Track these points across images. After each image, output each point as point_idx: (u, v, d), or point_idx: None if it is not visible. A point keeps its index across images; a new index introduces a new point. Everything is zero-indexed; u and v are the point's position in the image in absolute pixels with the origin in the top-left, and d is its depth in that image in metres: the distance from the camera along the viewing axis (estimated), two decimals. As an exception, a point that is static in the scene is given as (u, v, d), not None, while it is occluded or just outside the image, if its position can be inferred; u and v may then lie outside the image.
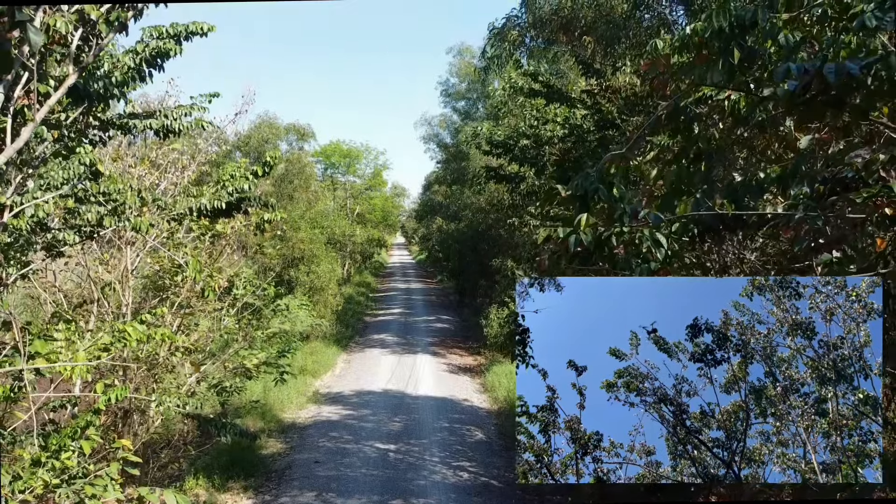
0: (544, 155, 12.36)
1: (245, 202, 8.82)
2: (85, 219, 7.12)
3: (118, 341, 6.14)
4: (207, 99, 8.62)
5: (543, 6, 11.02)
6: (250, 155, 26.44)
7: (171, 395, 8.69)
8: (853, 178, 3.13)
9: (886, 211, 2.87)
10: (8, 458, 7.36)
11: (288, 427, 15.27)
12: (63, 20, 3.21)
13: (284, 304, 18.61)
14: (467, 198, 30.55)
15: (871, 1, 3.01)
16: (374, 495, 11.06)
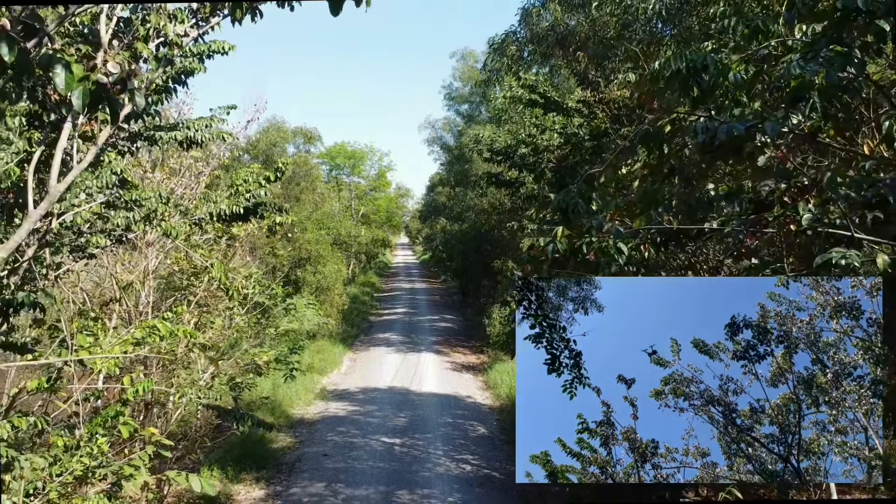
0: (542, 162, 12.94)
1: (261, 207, 9.40)
2: (115, 223, 7.69)
3: (148, 336, 6.71)
4: (226, 111, 9.21)
5: (540, 23, 11.60)
6: (259, 158, 27.04)
7: (190, 389, 9.28)
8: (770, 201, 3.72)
9: (791, 227, 3.46)
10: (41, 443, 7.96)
11: (297, 422, 15.81)
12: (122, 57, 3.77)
13: (292, 303, 19.20)
14: (470, 199, 31.06)
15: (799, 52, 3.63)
16: (381, 486, 11.59)
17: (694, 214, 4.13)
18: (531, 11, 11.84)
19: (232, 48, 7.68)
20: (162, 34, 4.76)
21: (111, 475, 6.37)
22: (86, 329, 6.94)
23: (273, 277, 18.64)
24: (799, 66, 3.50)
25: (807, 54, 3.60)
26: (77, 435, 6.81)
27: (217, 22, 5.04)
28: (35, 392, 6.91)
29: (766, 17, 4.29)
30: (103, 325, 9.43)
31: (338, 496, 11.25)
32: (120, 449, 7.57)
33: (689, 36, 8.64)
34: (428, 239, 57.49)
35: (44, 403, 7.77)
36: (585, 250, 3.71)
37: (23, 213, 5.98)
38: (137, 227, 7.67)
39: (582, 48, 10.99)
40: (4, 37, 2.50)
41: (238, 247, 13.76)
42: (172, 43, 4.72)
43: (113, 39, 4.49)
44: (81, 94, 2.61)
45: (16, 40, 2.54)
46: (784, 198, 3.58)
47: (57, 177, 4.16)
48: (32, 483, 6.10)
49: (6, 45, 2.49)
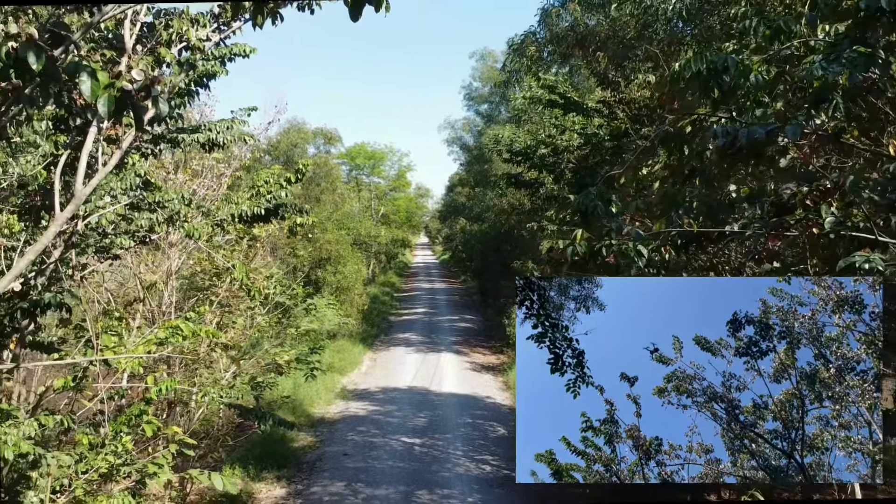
0: (562, 162, 12.91)
1: (282, 208, 9.48)
2: (138, 225, 7.80)
3: (172, 336, 6.80)
4: (246, 113, 9.29)
5: (559, 23, 11.58)
6: (279, 159, 27.24)
7: (213, 388, 9.39)
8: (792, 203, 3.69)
9: (814, 230, 3.43)
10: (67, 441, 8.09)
11: (317, 422, 15.91)
12: (144, 62, 3.84)
13: (313, 303, 19.32)
14: (490, 200, 31.02)
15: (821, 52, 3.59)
16: (401, 486, 11.63)
17: (715, 217, 4.11)
18: (551, 12, 11.82)
19: (253, 51, 7.74)
20: (184, 39, 4.83)
21: (135, 473, 6.48)
22: (110, 329, 7.04)
23: (294, 277, 18.78)
24: (822, 68, 3.47)
25: (830, 55, 3.57)
26: (102, 433, 6.92)
27: (239, 26, 5.10)
28: (61, 391, 7.04)
29: (788, 18, 4.25)
30: (127, 324, 9.58)
31: (358, 495, 11.31)
32: (143, 447, 7.67)
33: (710, 36, 8.56)
34: (447, 239, 57.53)
35: (70, 402, 7.91)
36: (605, 253, 3.71)
37: (49, 215, 6.10)
38: (161, 229, 7.77)
39: (602, 48, 10.95)
40: (32, 45, 2.56)
41: (259, 247, 13.88)
42: (195, 47, 4.79)
43: (136, 44, 4.56)
44: (107, 101, 2.67)
45: (43, 48, 2.60)
46: (806, 201, 3.56)
47: (83, 180, 4.23)
48: (59, 480, 6.22)
49: (34, 54, 2.55)
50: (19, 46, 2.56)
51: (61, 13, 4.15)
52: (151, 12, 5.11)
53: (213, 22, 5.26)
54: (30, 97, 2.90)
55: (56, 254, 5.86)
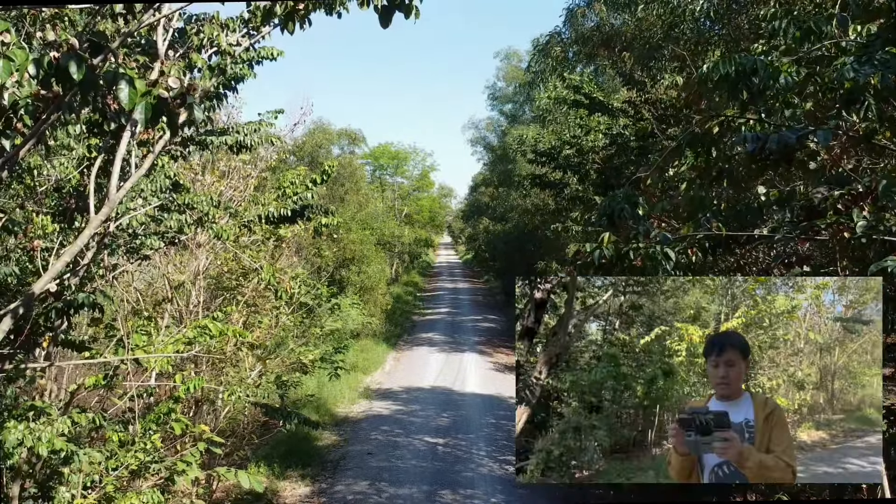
0: (587, 163, 12.86)
1: (307, 209, 9.57)
2: (168, 226, 7.93)
3: (200, 335, 6.90)
4: (273, 115, 9.39)
5: (585, 23, 11.54)
6: (304, 160, 27.43)
7: (239, 387, 9.51)
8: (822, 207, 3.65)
9: (845, 234, 3.39)
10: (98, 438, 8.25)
11: (341, 421, 16.03)
12: (177, 67, 3.92)
13: (337, 303, 19.46)
14: (514, 200, 30.97)
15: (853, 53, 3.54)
16: (424, 485, 11.67)
17: (743, 220, 4.08)
18: (576, 12, 11.79)
19: (280, 54, 7.81)
20: (215, 44, 4.90)
21: (164, 470, 6.58)
22: (140, 328, 7.16)
23: (318, 277, 18.92)
24: (853, 69, 3.43)
25: (861, 56, 3.52)
26: (132, 431, 7.05)
27: (268, 31, 5.17)
28: (92, 388, 7.17)
29: (818, 18, 4.20)
30: (156, 324, 9.72)
31: (381, 494, 11.37)
32: (172, 445, 7.80)
33: (738, 36, 8.48)
34: (471, 239, 57.52)
35: (100, 400, 8.05)
36: (632, 256, 3.71)
37: (83, 217, 6.22)
38: (189, 230, 7.89)
39: (627, 48, 10.89)
40: (74, 55, 2.63)
41: (285, 247, 14.01)
42: (225, 52, 4.87)
43: (168, 50, 4.64)
44: (144, 109, 2.74)
45: (84, 58, 2.67)
46: (838, 204, 3.52)
47: (116, 183, 4.33)
48: (90, 476, 6.34)
49: (75, 63, 2.62)
50: (61, 56, 2.64)
51: (96, 20, 4.25)
52: (182, 18, 5.20)
53: (243, 27, 5.34)
54: (69, 104, 2.98)
55: (89, 255, 5.97)
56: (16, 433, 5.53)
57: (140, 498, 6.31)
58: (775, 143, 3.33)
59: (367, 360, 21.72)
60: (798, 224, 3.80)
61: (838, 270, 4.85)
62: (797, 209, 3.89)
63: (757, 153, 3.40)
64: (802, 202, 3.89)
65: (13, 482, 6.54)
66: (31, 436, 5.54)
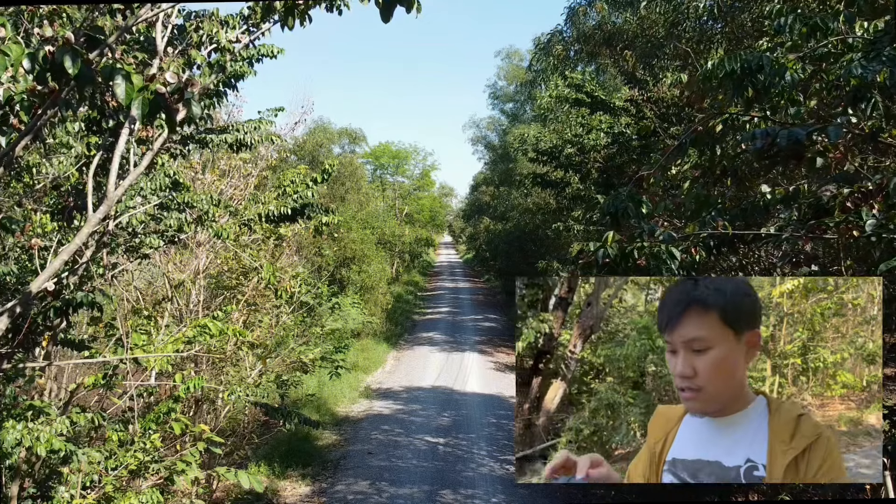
0: (588, 162, 12.82)
1: (308, 208, 9.52)
2: (167, 224, 7.88)
3: (200, 335, 6.86)
4: (273, 113, 9.36)
5: (587, 21, 11.50)
6: (305, 159, 27.41)
7: (239, 386, 9.47)
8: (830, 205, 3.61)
9: (854, 233, 3.34)
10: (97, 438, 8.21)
11: (342, 420, 15.99)
12: (176, 64, 3.88)
13: (338, 302, 19.43)
14: (514, 199, 30.96)
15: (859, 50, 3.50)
16: (425, 485, 11.62)
17: (749, 218, 4.03)
18: (578, 10, 11.74)
19: (280, 52, 7.78)
20: (214, 41, 4.86)
21: (164, 470, 6.55)
22: (140, 327, 7.13)
23: (319, 277, 18.87)
24: (861, 66, 3.39)
25: (869, 53, 3.48)
26: (131, 430, 7.01)
27: (268, 28, 5.13)
28: (91, 388, 7.14)
29: (824, 14, 4.16)
30: (156, 323, 9.68)
31: (382, 494, 11.33)
32: (171, 444, 7.76)
33: (741, 33, 8.44)
34: (471, 238, 57.55)
35: (100, 399, 8.01)
36: (637, 255, 3.66)
37: (81, 216, 6.18)
38: (189, 228, 7.84)
39: (629, 46, 10.85)
40: (69, 49, 2.59)
41: (285, 247, 13.97)
42: (224, 49, 4.83)
43: (167, 46, 4.60)
44: (141, 105, 2.69)
45: (79, 52, 2.62)
46: (847, 203, 3.47)
47: (115, 181, 4.28)
48: (89, 476, 6.30)
49: (70, 58, 2.58)
50: (56, 51, 2.59)
51: (94, 17, 4.21)
52: (182, 14, 5.16)
53: (243, 23, 5.30)
54: (65, 100, 2.94)
55: (88, 254, 5.93)
56: (14, 433, 5.49)
57: (139, 498, 6.28)
58: (785, 140, 3.28)
59: (368, 360, 21.69)
60: (805, 223, 3.75)
61: (842, 270, 4.81)
62: (804, 207, 3.84)
63: (766, 150, 3.35)
64: (810, 200, 3.85)
65: (12, 482, 6.50)
66: (29, 436, 5.51)
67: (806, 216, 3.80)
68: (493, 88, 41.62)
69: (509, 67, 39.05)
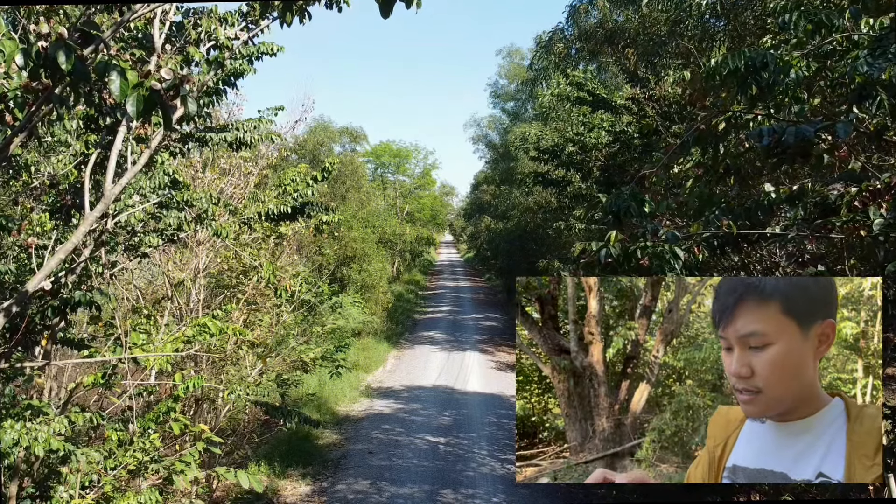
0: (590, 160, 12.77)
1: (308, 207, 9.49)
2: (167, 223, 7.85)
3: (199, 334, 6.82)
4: (274, 112, 9.32)
5: (588, 19, 11.45)
6: (306, 157, 27.37)
7: (239, 385, 9.43)
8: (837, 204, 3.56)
9: (861, 233, 3.30)
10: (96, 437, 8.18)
11: (342, 419, 15.95)
12: (173, 61, 3.84)
13: (338, 301, 19.39)
14: (515, 198, 30.89)
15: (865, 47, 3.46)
16: (426, 485, 11.59)
17: (753, 217, 3.99)
18: (579, 8, 11.69)
19: (280, 49, 7.75)
20: (213, 38, 4.82)
21: (163, 470, 6.51)
22: (139, 326, 7.09)
23: (319, 275, 18.84)
24: (867, 63, 3.34)
25: (875, 50, 3.44)
26: (130, 430, 6.98)
27: (266, 25, 5.09)
28: (91, 387, 7.10)
29: (829, 11, 4.12)
30: (155, 322, 9.65)
31: (382, 494, 11.30)
32: (171, 444, 7.72)
33: (744, 31, 8.39)
34: (472, 237, 57.51)
35: (99, 398, 7.97)
36: (640, 255, 3.62)
37: (79, 214, 6.14)
38: (189, 227, 7.81)
39: (631, 45, 10.80)
40: (62, 45, 2.55)
41: (286, 245, 13.94)
42: (223, 46, 4.79)
43: (165, 43, 4.56)
44: (136, 101, 2.65)
45: (73, 48, 2.58)
46: (854, 202, 3.43)
47: (112, 179, 4.24)
48: (88, 476, 6.27)
49: (63, 53, 2.54)
50: (49, 46, 2.55)
51: (91, 13, 4.16)
52: (180, 11, 5.12)
53: (242, 20, 5.26)
54: (60, 97, 2.90)
55: (86, 252, 5.90)
56: (13, 432, 5.45)
57: (138, 498, 6.24)
58: (793, 137, 3.24)
59: (369, 359, 21.65)
60: (811, 222, 3.70)
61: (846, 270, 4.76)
62: (810, 206, 3.80)
63: (773, 147, 3.31)
64: (816, 199, 3.80)
65: (11, 481, 6.47)
66: (27, 435, 5.47)
67: (812, 215, 3.76)
68: (494, 87, 41.60)
69: (510, 66, 39.01)
